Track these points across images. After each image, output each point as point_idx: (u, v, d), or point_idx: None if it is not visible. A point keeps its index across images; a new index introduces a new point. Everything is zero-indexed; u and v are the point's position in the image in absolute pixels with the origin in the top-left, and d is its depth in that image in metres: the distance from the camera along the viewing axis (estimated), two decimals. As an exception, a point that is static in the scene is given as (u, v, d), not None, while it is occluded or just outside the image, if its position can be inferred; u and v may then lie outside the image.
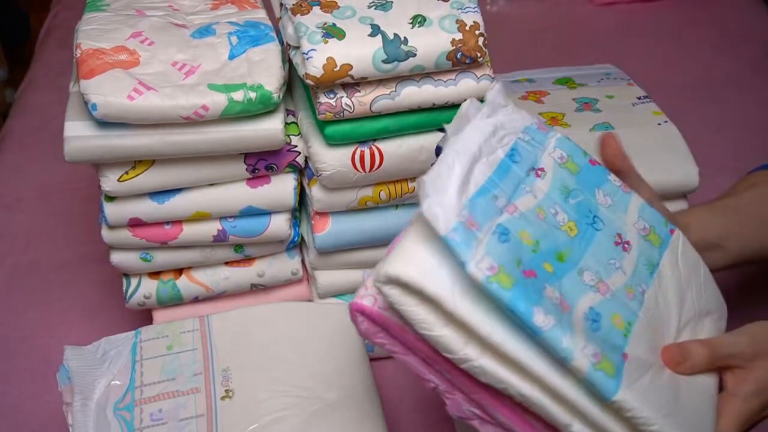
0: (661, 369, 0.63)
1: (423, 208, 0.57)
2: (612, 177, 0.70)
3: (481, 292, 0.56)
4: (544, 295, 0.58)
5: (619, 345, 0.60)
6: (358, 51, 0.78)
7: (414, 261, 0.57)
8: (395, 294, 0.57)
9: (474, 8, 0.82)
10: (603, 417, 0.58)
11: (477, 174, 0.62)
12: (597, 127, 0.99)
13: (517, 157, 0.66)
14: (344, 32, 0.79)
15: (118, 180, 0.81)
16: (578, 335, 0.58)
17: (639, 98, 1.06)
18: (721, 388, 0.66)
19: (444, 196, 0.58)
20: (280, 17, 0.88)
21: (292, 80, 0.91)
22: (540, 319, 0.56)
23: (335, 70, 0.77)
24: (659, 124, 1.01)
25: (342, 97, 0.80)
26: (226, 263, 0.92)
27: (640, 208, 0.70)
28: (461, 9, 0.82)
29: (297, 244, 0.94)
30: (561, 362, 0.57)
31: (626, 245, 0.66)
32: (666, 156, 0.97)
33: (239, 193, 0.86)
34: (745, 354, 0.65)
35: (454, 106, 0.83)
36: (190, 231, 0.87)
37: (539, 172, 0.66)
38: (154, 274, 0.91)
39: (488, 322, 0.57)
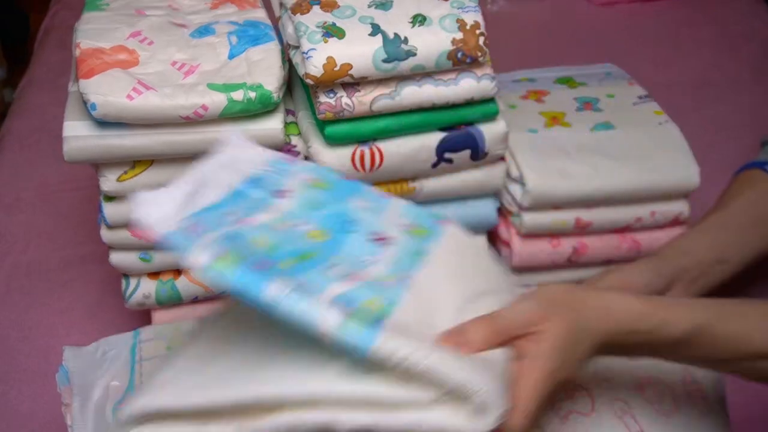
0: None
1: (137, 216, 0.57)
2: (369, 188, 0.72)
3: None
4: (275, 280, 0.55)
5: (376, 318, 0.56)
6: (358, 50, 0.78)
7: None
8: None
9: (474, 8, 0.82)
10: (363, 387, 0.53)
11: (205, 196, 0.64)
12: (597, 127, 0.99)
13: (258, 184, 0.67)
14: (344, 31, 0.79)
15: (117, 180, 0.81)
16: (323, 304, 0.54)
17: (640, 97, 1.05)
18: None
19: (161, 207, 0.60)
20: (280, 17, 0.88)
21: (291, 80, 0.91)
22: (274, 289, 0.53)
23: (335, 69, 0.77)
24: (660, 123, 1.01)
25: (342, 96, 0.79)
26: (226, 263, 0.92)
27: (403, 208, 0.71)
28: (462, 8, 0.81)
29: (297, 244, 0.93)
30: (305, 328, 0.53)
31: (385, 240, 0.65)
32: (667, 155, 0.97)
33: (239, 193, 0.86)
34: (533, 319, 0.61)
35: (455, 106, 0.83)
36: (189, 231, 0.87)
37: (285, 194, 0.67)
38: (154, 274, 0.91)
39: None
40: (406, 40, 0.79)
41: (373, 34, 0.79)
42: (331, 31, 0.79)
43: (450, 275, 0.67)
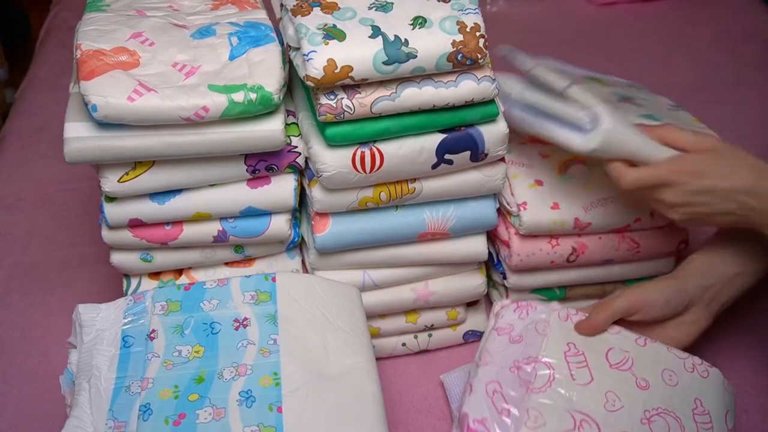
0: (320, 384, 0.74)
1: None
2: (210, 284, 0.82)
3: None
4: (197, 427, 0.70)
5: (275, 401, 0.72)
6: (358, 52, 0.78)
7: None
8: None
9: (475, 9, 0.82)
10: None
11: (103, 385, 0.74)
12: (644, 117, 0.98)
13: (130, 340, 0.78)
14: (345, 34, 0.79)
15: (118, 181, 0.81)
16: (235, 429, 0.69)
17: (671, 106, 1.06)
18: None
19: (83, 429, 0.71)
20: (281, 18, 0.88)
21: (292, 81, 0.91)
22: None
23: (336, 71, 0.77)
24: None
25: (342, 98, 0.79)
26: (226, 264, 0.92)
27: (241, 286, 0.82)
28: (462, 10, 0.82)
29: (297, 245, 0.94)
30: None
31: (245, 323, 0.78)
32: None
33: (239, 194, 0.86)
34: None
35: (455, 108, 0.83)
36: (190, 231, 0.87)
37: (152, 335, 0.78)
38: (155, 274, 0.91)
39: None
40: (406, 42, 0.79)
41: (373, 36, 0.79)
42: (332, 33, 0.79)
43: (301, 317, 0.80)
